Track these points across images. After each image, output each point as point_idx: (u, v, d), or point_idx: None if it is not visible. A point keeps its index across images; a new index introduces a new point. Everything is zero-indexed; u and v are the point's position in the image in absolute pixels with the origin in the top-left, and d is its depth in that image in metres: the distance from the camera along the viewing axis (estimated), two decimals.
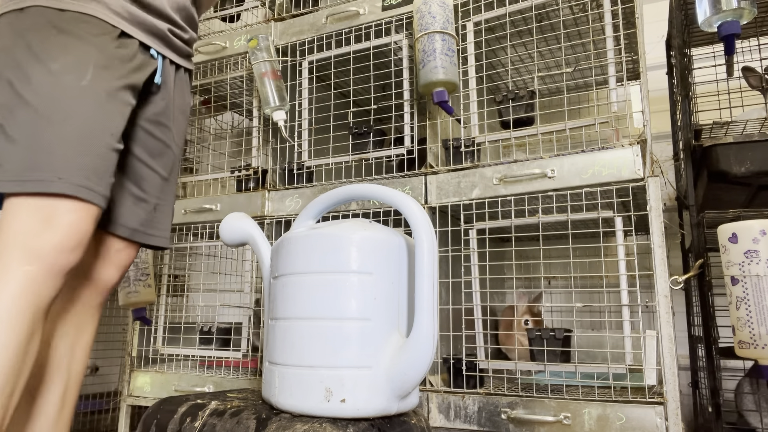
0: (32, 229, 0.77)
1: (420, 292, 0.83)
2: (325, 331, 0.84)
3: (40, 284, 0.77)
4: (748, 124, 1.22)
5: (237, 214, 1.05)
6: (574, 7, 1.34)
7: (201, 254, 1.78)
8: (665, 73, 1.75)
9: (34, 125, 0.81)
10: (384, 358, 0.83)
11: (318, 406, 0.81)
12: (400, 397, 0.84)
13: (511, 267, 1.27)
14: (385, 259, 0.87)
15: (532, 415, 1.12)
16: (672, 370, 1.05)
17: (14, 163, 0.79)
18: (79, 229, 0.81)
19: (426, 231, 0.84)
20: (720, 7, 1.03)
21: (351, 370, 0.82)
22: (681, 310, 1.63)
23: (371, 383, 0.82)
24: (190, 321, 1.69)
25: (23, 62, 0.84)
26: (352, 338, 0.83)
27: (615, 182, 1.15)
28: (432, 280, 0.83)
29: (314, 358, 0.83)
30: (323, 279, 0.86)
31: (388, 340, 0.84)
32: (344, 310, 0.84)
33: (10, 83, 0.83)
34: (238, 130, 1.95)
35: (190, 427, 0.86)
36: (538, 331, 1.24)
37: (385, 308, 0.85)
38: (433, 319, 0.82)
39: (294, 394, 0.84)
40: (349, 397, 0.81)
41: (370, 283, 0.85)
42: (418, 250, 0.84)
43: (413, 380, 0.82)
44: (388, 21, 1.46)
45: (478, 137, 1.33)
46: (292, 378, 0.85)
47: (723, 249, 1.06)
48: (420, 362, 0.81)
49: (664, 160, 1.79)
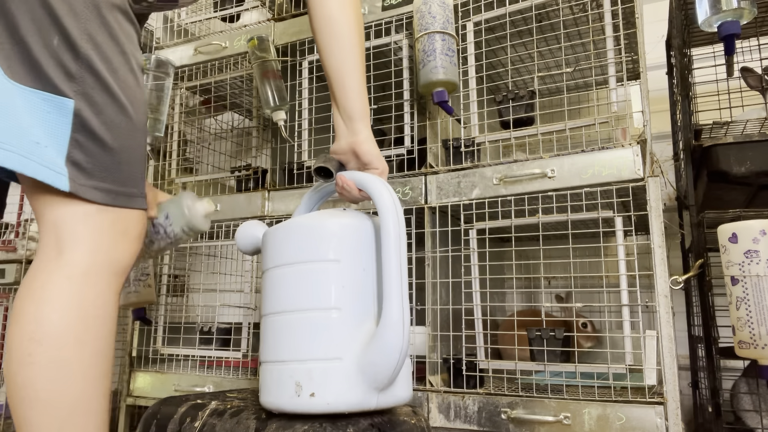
0: (115, 243, 0.75)
1: (387, 276, 0.79)
2: (294, 323, 0.82)
3: (118, 290, 0.77)
4: (748, 124, 1.22)
5: (252, 222, 1.02)
6: (574, 7, 1.34)
7: (201, 254, 1.79)
8: (665, 73, 1.75)
9: (126, 130, 0.75)
10: (356, 348, 0.79)
11: (289, 401, 0.79)
12: (378, 390, 0.80)
13: (511, 267, 1.27)
14: (354, 245, 0.83)
15: (532, 415, 1.12)
16: (672, 370, 1.05)
17: (107, 171, 0.73)
18: (142, 236, 0.81)
19: (391, 212, 0.81)
20: (720, 7, 1.03)
21: (319, 362, 0.79)
22: (681, 310, 1.63)
23: (343, 376, 0.78)
24: (190, 321, 1.69)
25: (104, 45, 0.74)
26: (319, 329, 0.80)
27: (615, 182, 1.15)
28: (399, 262, 0.79)
29: (285, 352, 0.81)
30: (291, 270, 0.84)
31: (360, 330, 0.80)
32: (311, 301, 0.81)
33: (92, 66, 0.72)
34: (238, 130, 1.95)
35: (190, 427, 0.86)
36: (538, 331, 1.24)
37: (356, 297, 0.81)
38: (402, 304, 0.78)
39: (271, 391, 0.83)
40: (318, 390, 0.78)
41: (337, 271, 0.81)
42: (384, 232, 0.80)
43: (385, 371, 0.78)
44: (388, 21, 1.46)
45: (478, 137, 1.33)
46: (270, 374, 0.84)
47: (723, 249, 1.06)
48: (390, 351, 0.77)
49: (664, 160, 1.79)
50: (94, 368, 0.72)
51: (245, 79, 1.71)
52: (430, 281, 1.29)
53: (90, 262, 0.72)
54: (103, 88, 0.73)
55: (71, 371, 0.69)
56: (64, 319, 0.69)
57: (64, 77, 0.70)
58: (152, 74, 1.57)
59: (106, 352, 0.73)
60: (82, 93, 0.72)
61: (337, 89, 0.90)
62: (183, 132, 1.83)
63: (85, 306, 0.71)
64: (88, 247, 0.72)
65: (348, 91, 0.89)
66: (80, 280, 0.71)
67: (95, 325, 0.72)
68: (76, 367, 0.70)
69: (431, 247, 1.31)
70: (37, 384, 0.68)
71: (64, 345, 0.69)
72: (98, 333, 0.72)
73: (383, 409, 0.83)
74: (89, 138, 0.72)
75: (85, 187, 0.72)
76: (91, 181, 0.72)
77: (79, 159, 0.71)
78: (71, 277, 0.71)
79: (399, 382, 0.83)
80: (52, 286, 0.70)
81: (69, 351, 0.69)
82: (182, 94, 1.80)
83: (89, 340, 0.71)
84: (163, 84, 1.57)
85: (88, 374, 0.71)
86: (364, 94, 0.90)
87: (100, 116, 0.73)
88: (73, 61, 0.71)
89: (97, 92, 0.73)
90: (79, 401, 0.70)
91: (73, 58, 0.71)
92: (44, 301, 0.69)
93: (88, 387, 0.71)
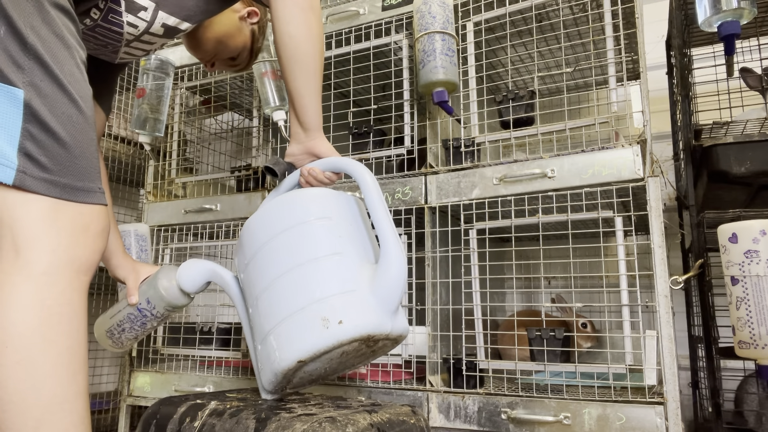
0: (75, 240, 0.74)
1: (378, 218, 0.89)
2: (306, 273, 0.87)
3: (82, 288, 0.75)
4: (748, 124, 1.22)
5: (188, 262, 1.05)
6: (574, 7, 1.34)
7: (201, 254, 1.79)
8: (665, 73, 1.75)
9: (79, 123, 0.73)
10: (364, 281, 0.87)
11: (320, 336, 0.83)
12: (391, 313, 0.87)
13: (511, 267, 1.27)
14: (339, 207, 0.94)
15: (532, 415, 1.12)
16: (672, 370, 1.05)
17: (62, 165, 0.71)
18: (105, 232, 0.80)
19: (365, 172, 0.94)
20: (720, 7, 1.03)
21: (338, 296, 0.85)
22: (681, 310, 1.63)
23: (360, 302, 0.85)
24: (190, 321, 1.69)
25: (48, 39, 0.72)
26: (331, 270, 0.87)
27: (615, 182, 1.15)
28: (384, 206, 0.91)
29: (302, 299, 0.86)
30: (289, 234, 0.90)
31: (363, 268, 0.89)
32: (316, 251, 0.88)
33: (39, 57, 0.70)
34: (238, 130, 1.95)
35: (190, 427, 0.86)
36: (538, 331, 1.24)
37: (352, 244, 0.91)
38: (396, 238, 0.88)
39: (294, 341, 0.85)
40: (345, 318, 0.83)
41: (332, 225, 0.91)
42: (365, 187, 0.92)
43: (395, 292, 0.86)
44: (388, 21, 1.46)
45: (478, 137, 1.33)
46: (288, 328, 0.86)
47: (723, 249, 1.06)
48: (395, 273, 0.86)
49: (664, 160, 1.79)
50: (65, 367, 0.71)
51: (245, 79, 1.71)
52: (430, 281, 1.29)
53: (49, 261, 0.71)
54: (52, 80, 0.71)
55: (41, 371, 0.69)
56: (27, 320, 0.68)
57: (12, 67, 0.68)
58: (152, 74, 1.57)
59: (76, 350, 0.72)
60: (32, 84, 0.70)
61: (297, 106, 0.99)
62: (183, 132, 1.83)
63: (48, 305, 0.70)
64: (47, 245, 0.71)
65: (307, 109, 0.99)
66: (41, 280, 0.70)
67: (60, 324, 0.71)
68: (45, 367, 0.69)
69: (431, 247, 1.31)
70: (8, 386, 0.67)
71: (30, 345, 0.68)
72: (65, 331, 0.71)
73: (395, 336, 0.90)
74: (42, 130, 0.70)
75: (39, 180, 0.69)
76: (47, 175, 0.70)
77: (33, 151, 0.69)
78: (31, 277, 0.69)
79: (401, 315, 0.91)
80: (11, 287, 0.69)
81: (36, 351, 0.68)
82: (182, 94, 1.80)
83: (56, 338, 0.70)
84: (163, 84, 1.57)
85: (59, 373, 0.70)
86: (320, 108, 1.01)
87: (52, 109, 0.71)
88: (20, 51, 0.69)
89: (47, 84, 0.71)
90: (52, 401, 0.69)
91: (21, 48, 0.69)
92: (5, 304, 0.68)
93: (61, 386, 0.70)
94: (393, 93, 1.45)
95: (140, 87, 1.60)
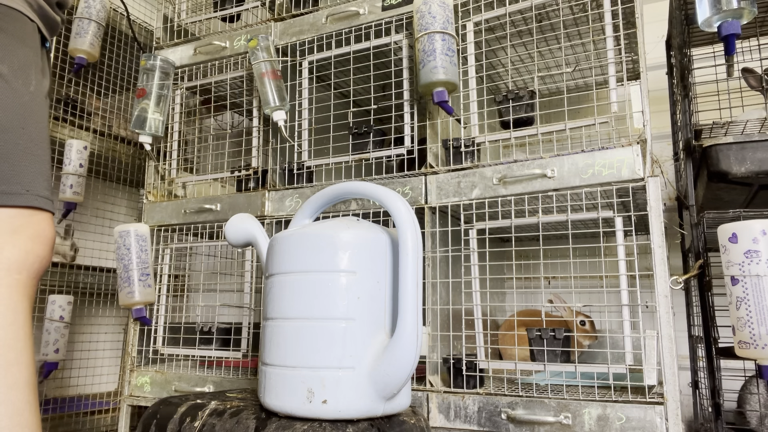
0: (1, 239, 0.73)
1: (404, 291, 0.82)
2: (307, 330, 0.83)
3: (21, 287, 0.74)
4: (748, 124, 1.22)
5: (242, 215, 1.04)
6: (574, 7, 1.34)
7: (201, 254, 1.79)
8: (665, 73, 1.75)
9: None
10: (368, 358, 0.82)
11: (300, 406, 0.81)
12: (386, 398, 0.83)
13: (511, 267, 1.27)
14: (369, 257, 0.86)
15: (532, 415, 1.12)
16: (672, 370, 1.05)
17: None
18: (47, 236, 0.78)
19: (411, 229, 0.84)
20: (720, 7, 1.03)
21: (332, 370, 0.81)
22: (681, 310, 1.63)
23: (354, 384, 0.81)
24: (190, 321, 1.69)
25: None
26: (334, 338, 0.82)
27: (615, 182, 1.15)
28: (416, 279, 0.83)
29: (296, 358, 0.83)
30: (306, 278, 0.85)
31: (373, 340, 0.83)
32: (326, 310, 0.83)
33: None
34: (238, 130, 1.95)
35: (190, 427, 0.86)
36: (538, 331, 1.24)
37: (370, 308, 0.84)
38: (417, 318, 0.82)
39: (278, 395, 0.84)
40: (331, 398, 0.80)
41: (353, 282, 0.84)
42: (402, 249, 0.84)
43: (397, 381, 0.81)
44: (388, 21, 1.46)
45: (478, 137, 1.33)
46: (276, 378, 0.85)
47: (723, 249, 1.06)
48: (403, 362, 0.80)
49: (664, 160, 1.80)
50: (3, 378, 0.68)
51: (245, 79, 1.71)
52: (430, 281, 1.29)
53: None
54: None
55: None
56: None
57: None
58: (152, 74, 1.57)
59: (9, 343, 0.70)
60: None
61: None
62: (183, 132, 1.83)
63: None
64: None
65: None
66: None
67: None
68: None
69: (431, 247, 1.31)
70: None
71: None
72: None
73: (388, 415, 0.85)
74: None
75: None
76: None
77: None
78: None
79: (403, 390, 0.86)
80: None
81: None
82: (182, 94, 1.80)
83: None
84: (163, 84, 1.57)
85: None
86: None
87: None
88: None
89: None
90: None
91: None
92: None
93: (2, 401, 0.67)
94: (393, 93, 1.45)
95: (140, 87, 1.60)
